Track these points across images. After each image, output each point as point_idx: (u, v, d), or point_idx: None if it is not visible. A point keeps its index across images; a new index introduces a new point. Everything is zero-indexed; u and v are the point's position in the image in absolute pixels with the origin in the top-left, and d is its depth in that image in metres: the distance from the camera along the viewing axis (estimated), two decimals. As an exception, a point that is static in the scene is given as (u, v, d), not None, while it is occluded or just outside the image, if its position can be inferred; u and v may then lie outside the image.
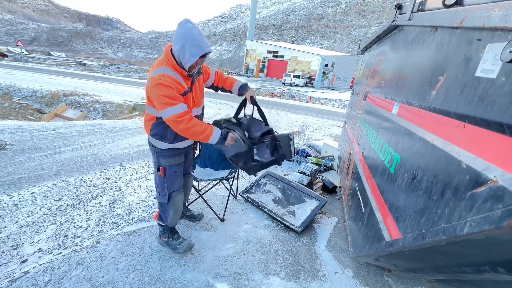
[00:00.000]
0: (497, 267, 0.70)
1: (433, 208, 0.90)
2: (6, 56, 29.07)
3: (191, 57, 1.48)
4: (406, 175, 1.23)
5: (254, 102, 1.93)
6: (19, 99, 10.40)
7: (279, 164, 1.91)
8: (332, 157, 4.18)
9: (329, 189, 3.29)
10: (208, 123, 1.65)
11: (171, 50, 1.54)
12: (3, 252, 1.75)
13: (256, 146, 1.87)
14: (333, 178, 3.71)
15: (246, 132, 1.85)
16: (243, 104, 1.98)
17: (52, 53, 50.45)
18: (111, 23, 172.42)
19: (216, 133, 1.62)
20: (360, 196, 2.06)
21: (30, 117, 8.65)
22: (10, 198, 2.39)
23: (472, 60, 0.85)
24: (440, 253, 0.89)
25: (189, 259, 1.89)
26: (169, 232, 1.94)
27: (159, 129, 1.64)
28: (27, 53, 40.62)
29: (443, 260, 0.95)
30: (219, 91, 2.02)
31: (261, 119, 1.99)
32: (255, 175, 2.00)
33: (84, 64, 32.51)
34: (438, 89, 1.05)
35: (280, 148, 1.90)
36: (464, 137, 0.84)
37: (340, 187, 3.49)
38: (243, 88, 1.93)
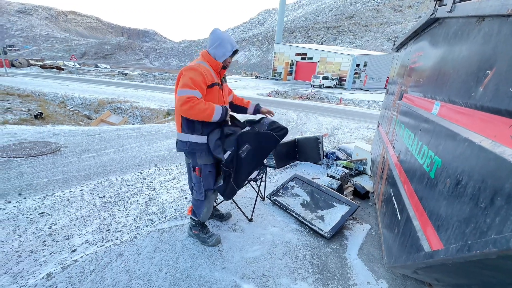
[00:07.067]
0: None
1: (481, 216, 0.81)
2: (62, 69, 32.95)
3: (226, 52, 1.76)
4: (448, 180, 1.12)
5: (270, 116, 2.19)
6: (72, 107, 11.72)
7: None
8: (365, 161, 3.97)
9: (361, 195, 3.13)
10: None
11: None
12: (57, 241, 1.98)
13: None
14: (365, 183, 3.52)
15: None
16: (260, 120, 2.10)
17: (99, 65, 55.83)
18: (148, 35, 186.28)
19: (218, 109, 1.70)
20: (395, 203, 1.92)
21: (81, 123, 9.68)
22: (64, 194, 2.69)
23: (527, 51, 0.75)
24: (490, 268, 0.79)
25: (217, 259, 1.93)
26: (200, 226, 2.07)
27: (187, 122, 1.76)
28: (79, 66, 45.55)
29: (494, 276, 0.84)
30: (233, 111, 2.17)
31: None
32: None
33: (126, 74, 35.42)
34: (486, 85, 0.95)
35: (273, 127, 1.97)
36: (519, 138, 0.74)
37: (373, 192, 3.29)
38: (257, 106, 2.22)
